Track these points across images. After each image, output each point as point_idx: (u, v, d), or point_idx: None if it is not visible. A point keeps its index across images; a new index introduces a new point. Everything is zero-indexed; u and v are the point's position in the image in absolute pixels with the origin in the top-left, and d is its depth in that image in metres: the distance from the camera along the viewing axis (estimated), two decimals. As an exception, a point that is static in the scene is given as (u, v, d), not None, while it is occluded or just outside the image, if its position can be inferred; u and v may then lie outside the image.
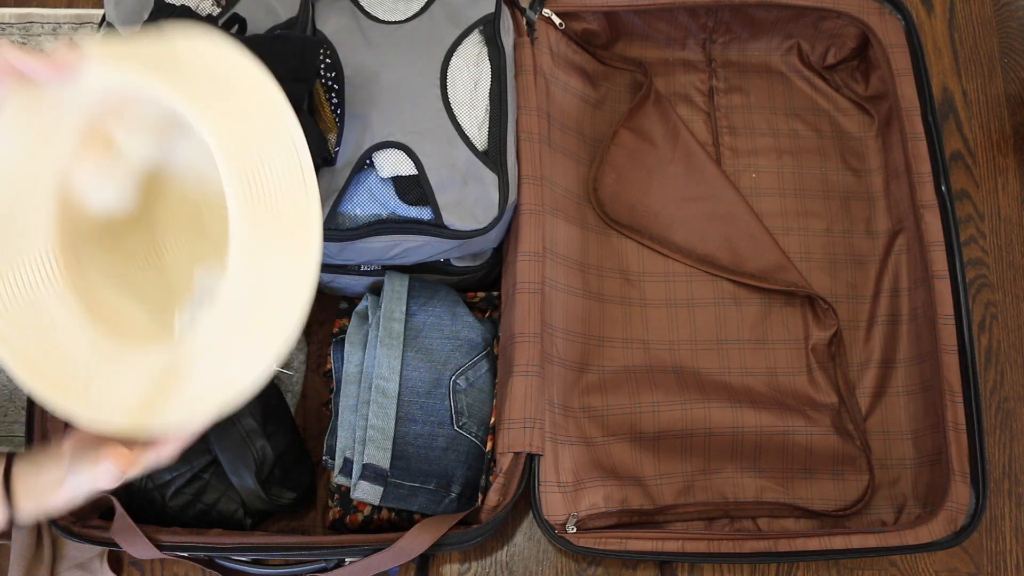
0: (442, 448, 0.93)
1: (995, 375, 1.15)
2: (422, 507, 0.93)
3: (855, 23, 1.12)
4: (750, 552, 0.91)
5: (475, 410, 0.96)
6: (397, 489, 0.92)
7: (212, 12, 0.98)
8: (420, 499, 0.93)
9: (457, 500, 0.94)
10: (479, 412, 0.96)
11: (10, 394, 1.12)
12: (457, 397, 0.95)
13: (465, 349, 0.98)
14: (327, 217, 0.93)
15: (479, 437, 0.96)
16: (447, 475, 0.94)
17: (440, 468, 0.93)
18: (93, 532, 0.87)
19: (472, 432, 0.95)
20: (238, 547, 0.88)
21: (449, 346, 0.97)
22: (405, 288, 0.99)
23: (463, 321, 0.99)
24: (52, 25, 1.27)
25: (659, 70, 1.20)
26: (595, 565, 1.07)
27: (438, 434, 0.93)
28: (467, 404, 0.96)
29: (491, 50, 1.02)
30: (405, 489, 0.92)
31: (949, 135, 1.25)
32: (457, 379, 0.96)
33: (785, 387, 1.07)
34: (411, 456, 0.92)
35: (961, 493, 0.94)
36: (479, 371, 0.98)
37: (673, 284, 1.10)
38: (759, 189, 1.15)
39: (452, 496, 0.94)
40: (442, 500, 0.94)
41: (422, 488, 0.93)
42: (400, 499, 0.92)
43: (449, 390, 0.95)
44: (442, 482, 0.93)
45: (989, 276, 1.19)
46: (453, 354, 0.97)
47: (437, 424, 0.93)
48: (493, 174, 0.96)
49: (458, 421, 0.95)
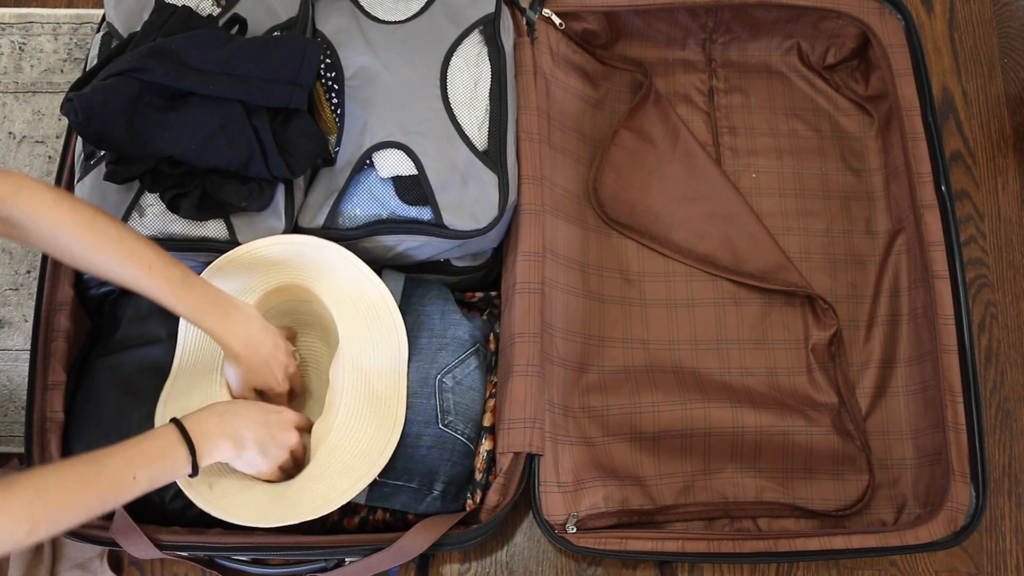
0: (427, 447, 0.93)
1: (995, 375, 1.15)
2: (404, 505, 0.92)
3: (855, 23, 1.12)
4: (750, 552, 0.91)
5: (463, 408, 0.96)
6: (380, 488, 0.92)
7: (212, 12, 0.98)
8: (402, 497, 0.92)
9: (440, 498, 0.94)
10: (467, 410, 0.96)
11: (10, 394, 1.12)
12: (443, 396, 0.95)
13: (453, 347, 0.98)
14: (327, 217, 0.93)
15: (466, 435, 0.95)
16: (430, 473, 0.93)
17: (424, 467, 0.93)
18: (93, 532, 0.87)
19: (458, 430, 0.95)
20: (238, 547, 0.88)
21: (436, 345, 0.97)
22: (400, 288, 0.99)
23: (451, 320, 0.99)
24: (52, 25, 1.27)
25: (659, 70, 1.20)
26: (595, 565, 1.06)
27: (423, 433, 0.93)
28: (454, 402, 0.95)
29: (491, 50, 1.01)
30: (388, 488, 0.92)
31: (949, 135, 1.25)
32: (443, 378, 0.96)
33: (785, 387, 1.07)
34: (396, 455, 0.92)
35: (961, 493, 0.93)
36: (467, 368, 0.98)
37: (673, 284, 1.10)
38: (759, 189, 1.15)
39: (435, 494, 0.93)
40: (424, 498, 0.93)
41: (404, 486, 0.92)
42: (383, 498, 0.92)
43: (435, 389, 0.95)
44: (424, 480, 0.93)
45: (989, 276, 1.19)
46: (439, 353, 0.97)
47: (423, 423, 0.93)
48: (493, 174, 0.96)
49: (444, 420, 0.94)
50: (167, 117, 0.86)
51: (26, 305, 1.14)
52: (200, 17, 0.95)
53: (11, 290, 1.15)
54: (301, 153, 0.90)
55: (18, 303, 1.15)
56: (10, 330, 1.14)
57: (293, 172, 0.89)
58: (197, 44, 0.87)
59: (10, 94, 1.24)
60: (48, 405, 0.92)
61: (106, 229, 0.78)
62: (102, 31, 1.00)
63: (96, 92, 0.84)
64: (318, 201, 0.94)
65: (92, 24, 1.27)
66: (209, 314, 0.84)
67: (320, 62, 0.96)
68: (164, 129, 0.86)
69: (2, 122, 1.23)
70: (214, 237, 0.92)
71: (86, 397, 0.93)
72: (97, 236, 0.77)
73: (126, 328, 0.96)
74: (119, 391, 0.93)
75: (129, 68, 0.85)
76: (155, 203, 0.91)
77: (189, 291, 0.82)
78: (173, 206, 0.90)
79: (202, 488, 0.86)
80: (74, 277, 0.96)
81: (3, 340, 1.14)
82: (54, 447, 0.91)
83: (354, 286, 0.94)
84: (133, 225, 0.90)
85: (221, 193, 0.88)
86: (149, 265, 0.79)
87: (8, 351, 1.13)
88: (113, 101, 0.84)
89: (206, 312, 0.84)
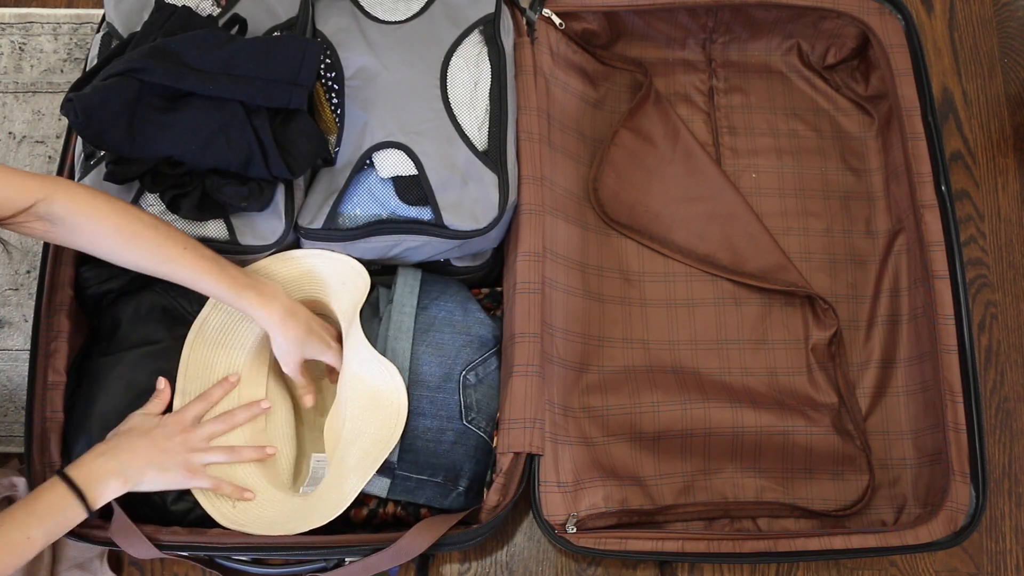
0: (451, 442, 0.93)
1: (995, 375, 1.15)
2: (429, 500, 0.93)
3: (855, 23, 1.12)
4: (750, 552, 0.91)
5: (484, 405, 0.96)
6: (405, 482, 0.92)
7: (212, 12, 0.98)
8: (427, 492, 0.93)
9: (464, 494, 0.95)
10: (488, 408, 0.97)
11: (10, 394, 1.12)
12: (467, 392, 0.96)
13: (476, 345, 0.98)
14: (327, 217, 0.93)
15: (487, 432, 0.96)
16: (455, 469, 0.94)
17: (448, 462, 0.93)
18: (93, 532, 0.87)
19: (481, 427, 0.95)
20: (238, 546, 0.88)
21: (460, 341, 0.97)
22: (417, 283, 0.99)
23: (474, 317, 1.00)
24: (52, 25, 1.27)
25: (659, 70, 1.20)
26: (595, 565, 1.07)
27: (447, 428, 0.94)
28: (476, 400, 0.96)
29: (491, 50, 1.01)
30: (412, 482, 0.93)
31: (949, 135, 1.25)
32: (467, 374, 0.96)
33: (785, 387, 1.07)
34: (419, 449, 0.92)
35: (961, 493, 0.93)
36: (489, 367, 0.98)
37: (673, 284, 1.10)
38: (759, 189, 1.15)
39: (460, 490, 0.94)
40: (449, 494, 0.94)
41: (429, 481, 0.93)
42: (407, 492, 0.93)
43: (459, 385, 0.95)
44: (450, 476, 0.94)
45: (989, 276, 1.19)
46: (463, 349, 0.97)
47: (446, 418, 0.94)
48: (493, 174, 0.96)
49: (467, 416, 0.95)
50: (167, 117, 0.86)
51: (26, 305, 1.14)
52: (200, 17, 0.95)
53: (11, 290, 1.15)
54: (301, 153, 0.90)
55: (18, 303, 1.15)
56: (10, 330, 1.14)
57: (293, 172, 0.89)
58: (197, 44, 0.87)
59: (10, 94, 1.24)
60: (48, 405, 0.92)
61: (140, 216, 0.83)
62: (102, 31, 1.00)
63: (96, 93, 0.84)
64: (318, 201, 0.94)
65: (92, 24, 1.27)
66: (247, 292, 0.86)
67: (320, 63, 0.96)
68: (164, 129, 0.86)
69: (2, 122, 1.23)
70: (214, 237, 0.92)
71: (86, 397, 0.93)
72: (134, 223, 0.82)
73: (127, 328, 0.96)
74: (120, 391, 0.93)
75: (129, 68, 0.85)
76: (155, 203, 0.91)
77: (224, 270, 0.85)
78: (173, 206, 0.90)
79: (224, 507, 0.90)
80: (74, 277, 0.96)
81: (3, 340, 1.14)
82: (54, 447, 0.91)
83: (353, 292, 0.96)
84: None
85: (221, 193, 0.88)
86: (184, 247, 0.83)
87: (8, 351, 1.13)
88: (113, 102, 0.84)
89: (243, 290, 0.86)
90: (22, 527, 0.77)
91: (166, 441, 0.87)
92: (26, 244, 1.17)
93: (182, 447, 0.87)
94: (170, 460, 0.86)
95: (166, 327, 0.96)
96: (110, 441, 0.86)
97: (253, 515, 0.90)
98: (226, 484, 0.89)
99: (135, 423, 0.88)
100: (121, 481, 0.83)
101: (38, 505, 0.79)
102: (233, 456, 0.90)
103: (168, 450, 0.87)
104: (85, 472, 0.82)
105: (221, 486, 0.89)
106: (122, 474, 0.83)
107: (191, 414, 0.91)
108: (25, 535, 0.76)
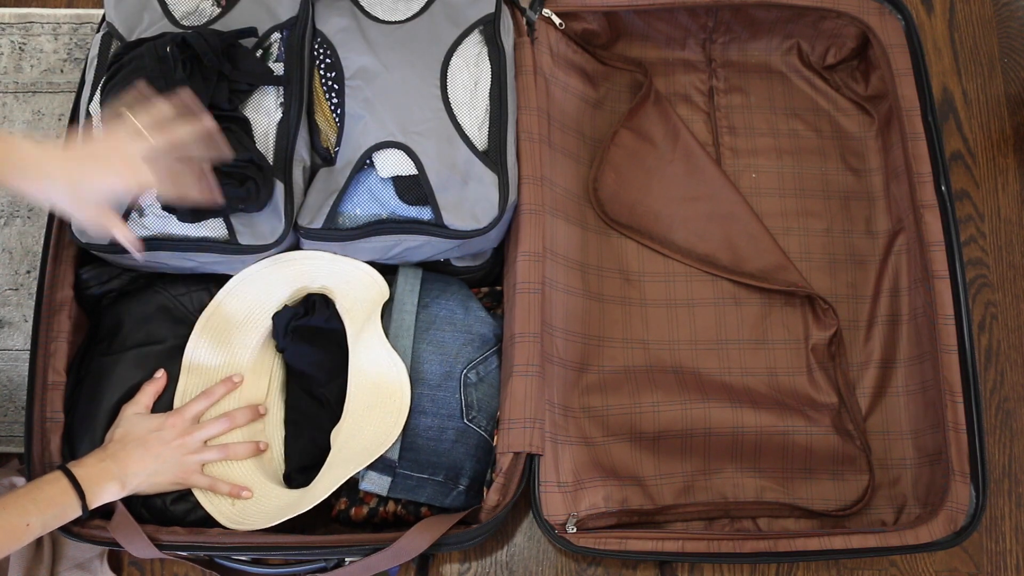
0: (452, 441, 0.93)
1: (995, 375, 1.15)
2: (430, 499, 0.93)
3: (855, 23, 1.12)
4: (750, 552, 0.91)
5: (485, 404, 0.96)
6: (405, 480, 0.92)
7: (212, 12, 0.98)
8: (428, 490, 0.93)
9: (465, 493, 0.94)
10: (489, 407, 0.97)
11: (10, 394, 1.12)
12: (468, 391, 0.96)
13: (477, 343, 0.98)
14: (327, 217, 0.93)
15: (488, 431, 0.96)
16: (456, 468, 0.94)
17: (449, 460, 0.93)
18: (93, 532, 0.87)
19: (482, 426, 0.95)
20: (238, 546, 0.88)
21: (461, 339, 0.97)
22: (418, 281, 0.99)
23: (475, 315, 1.00)
24: (52, 25, 1.27)
25: (659, 70, 1.20)
26: (595, 565, 1.07)
27: (448, 426, 0.94)
28: (477, 398, 0.96)
29: (491, 50, 1.01)
30: (413, 480, 0.93)
31: (949, 135, 1.25)
32: (468, 373, 0.96)
33: (785, 387, 1.07)
34: (420, 448, 0.92)
35: (961, 493, 0.93)
36: (490, 366, 0.98)
37: (673, 284, 1.10)
38: (759, 189, 1.15)
39: (460, 489, 0.94)
40: (450, 492, 0.94)
41: (430, 480, 0.93)
42: (408, 490, 0.93)
43: (460, 383, 0.95)
44: (451, 474, 0.94)
45: (989, 276, 1.19)
46: (464, 348, 0.97)
47: (447, 417, 0.94)
48: (493, 174, 0.96)
49: (468, 414, 0.95)
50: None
51: (26, 305, 1.14)
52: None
53: (11, 290, 1.15)
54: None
55: (18, 303, 1.15)
56: (10, 330, 1.14)
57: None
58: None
59: (10, 94, 1.24)
60: (48, 405, 0.92)
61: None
62: (102, 31, 1.00)
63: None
64: (318, 201, 0.94)
65: (92, 24, 1.27)
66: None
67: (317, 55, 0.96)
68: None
69: (2, 122, 1.23)
70: (214, 237, 0.92)
71: (89, 396, 0.93)
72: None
73: (130, 328, 0.96)
74: (124, 390, 0.93)
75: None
76: (155, 203, 0.91)
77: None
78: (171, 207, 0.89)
79: (224, 506, 0.91)
80: (74, 277, 0.96)
81: (3, 340, 1.14)
82: (54, 447, 0.91)
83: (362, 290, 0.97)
84: (132, 225, 0.90)
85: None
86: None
87: (8, 351, 1.13)
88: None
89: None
90: (23, 513, 0.78)
91: (162, 447, 0.89)
92: (26, 244, 1.17)
93: (179, 451, 0.89)
94: (166, 465, 0.89)
95: (169, 327, 0.96)
96: (108, 448, 0.88)
97: (252, 511, 0.90)
98: (222, 483, 0.90)
99: (131, 426, 0.89)
100: (119, 487, 0.85)
101: (40, 495, 0.81)
102: (227, 454, 0.91)
103: (164, 456, 0.88)
104: (87, 472, 0.84)
105: (218, 486, 0.90)
106: (120, 480, 0.85)
107: (191, 413, 0.91)
108: (24, 521, 0.78)
